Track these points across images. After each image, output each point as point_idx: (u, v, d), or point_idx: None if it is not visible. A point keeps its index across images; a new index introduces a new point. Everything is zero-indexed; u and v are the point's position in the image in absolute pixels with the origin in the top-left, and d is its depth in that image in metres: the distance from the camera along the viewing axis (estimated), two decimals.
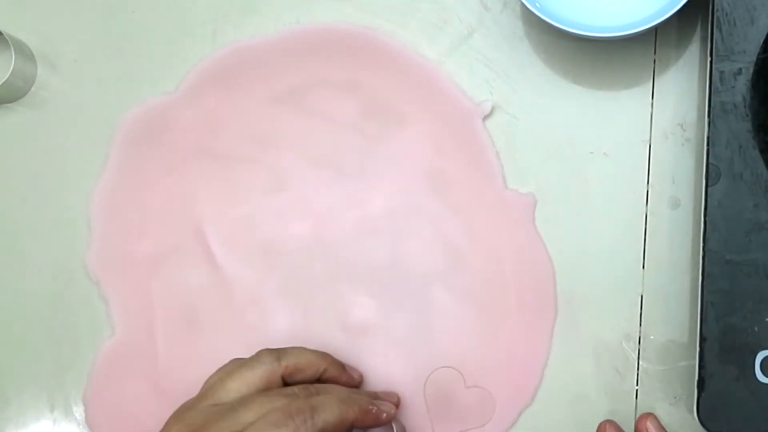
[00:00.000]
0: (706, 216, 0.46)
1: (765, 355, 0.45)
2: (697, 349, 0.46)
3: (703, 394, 0.46)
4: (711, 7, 0.47)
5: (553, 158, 0.52)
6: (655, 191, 0.51)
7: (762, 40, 0.46)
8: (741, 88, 0.46)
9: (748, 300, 0.46)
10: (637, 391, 0.51)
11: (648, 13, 0.48)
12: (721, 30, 0.47)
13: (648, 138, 0.52)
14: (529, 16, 0.53)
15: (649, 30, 0.47)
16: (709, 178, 0.46)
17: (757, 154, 0.46)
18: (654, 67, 0.52)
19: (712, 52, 0.47)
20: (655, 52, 0.52)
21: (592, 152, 0.52)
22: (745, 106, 0.46)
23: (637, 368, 0.51)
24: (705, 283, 0.46)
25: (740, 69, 0.46)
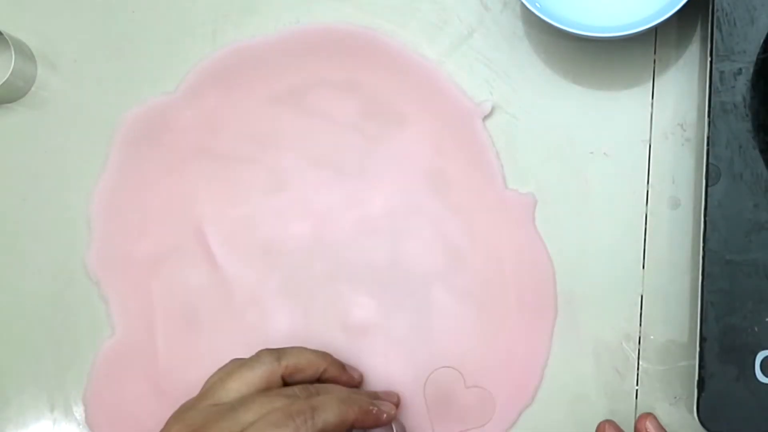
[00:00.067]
0: (706, 216, 0.46)
1: (765, 355, 0.45)
2: (697, 349, 0.46)
3: (703, 394, 0.46)
4: (711, 7, 0.47)
5: (553, 158, 0.52)
6: (655, 191, 0.51)
7: (762, 40, 0.46)
8: (741, 88, 0.46)
9: (748, 300, 0.46)
10: (637, 391, 0.51)
11: (648, 13, 0.48)
12: (721, 30, 0.47)
13: (648, 138, 0.52)
14: (529, 16, 0.53)
15: (649, 30, 0.47)
16: (709, 178, 0.46)
17: (757, 154, 0.46)
18: (654, 67, 0.52)
19: (712, 52, 0.47)
20: (655, 52, 0.52)
21: (592, 152, 0.52)
22: (745, 106, 0.46)
23: (637, 368, 0.51)
24: (705, 283, 0.46)
25: (740, 69, 0.46)
